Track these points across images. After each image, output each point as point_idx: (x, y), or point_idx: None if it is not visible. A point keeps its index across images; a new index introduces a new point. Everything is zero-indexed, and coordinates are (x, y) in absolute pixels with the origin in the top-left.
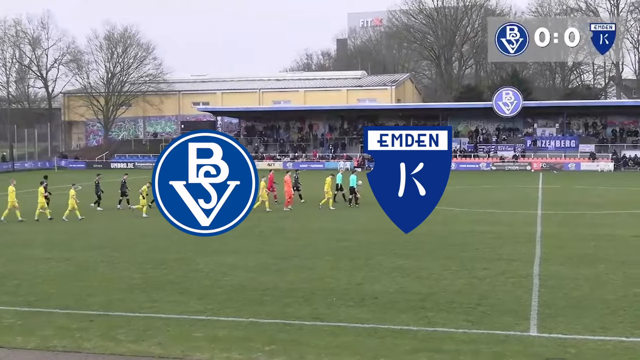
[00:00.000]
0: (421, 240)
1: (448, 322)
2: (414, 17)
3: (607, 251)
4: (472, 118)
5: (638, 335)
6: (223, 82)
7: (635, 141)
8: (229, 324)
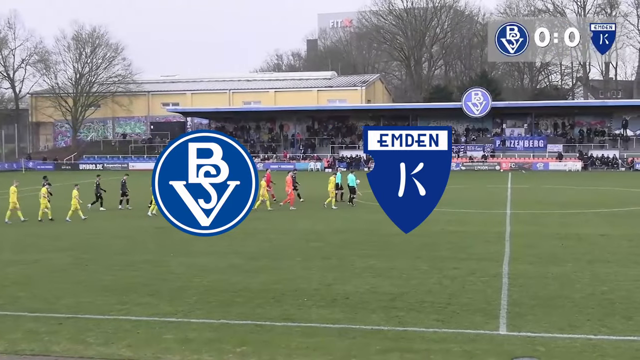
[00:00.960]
0: (392, 240)
1: (419, 321)
2: (383, 18)
3: (575, 250)
4: (442, 118)
5: (605, 333)
6: (193, 82)
7: (602, 141)
8: (200, 326)
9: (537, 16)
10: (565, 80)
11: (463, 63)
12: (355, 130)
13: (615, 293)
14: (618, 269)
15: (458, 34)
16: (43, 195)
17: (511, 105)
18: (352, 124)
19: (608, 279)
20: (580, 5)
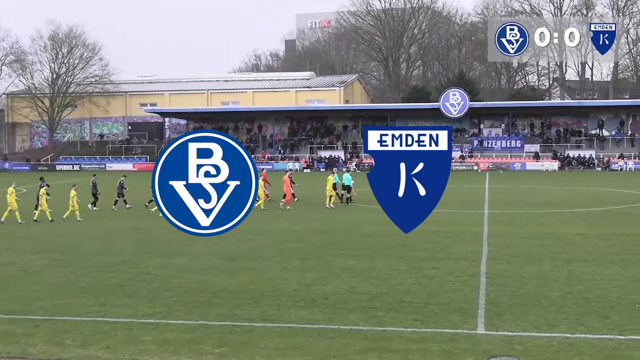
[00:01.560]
0: (370, 240)
1: (397, 321)
2: (362, 18)
3: (552, 250)
4: (420, 119)
5: (582, 332)
6: (171, 82)
7: (578, 141)
8: (178, 327)
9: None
10: (542, 80)
11: (441, 64)
12: (333, 131)
13: (592, 292)
14: (594, 268)
15: (436, 34)
16: (41, 195)
17: (489, 105)
18: (330, 124)
19: (585, 278)
20: (556, 7)
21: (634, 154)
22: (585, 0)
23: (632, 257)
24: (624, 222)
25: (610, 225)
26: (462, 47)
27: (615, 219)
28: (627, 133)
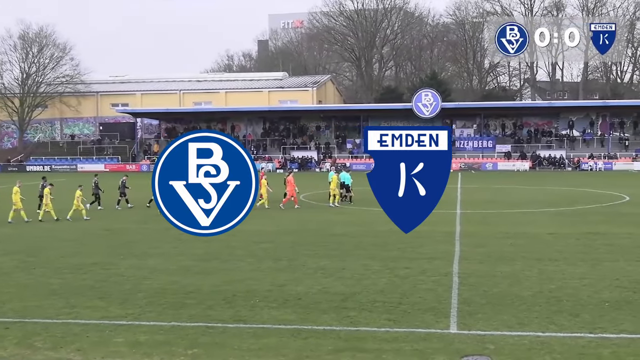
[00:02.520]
0: (343, 240)
1: (370, 321)
2: (334, 19)
3: (524, 249)
4: (393, 119)
5: (553, 330)
6: (143, 83)
7: (549, 141)
8: (151, 329)
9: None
10: (514, 81)
11: (413, 64)
12: (306, 131)
13: (563, 291)
14: (565, 267)
15: (408, 35)
16: (46, 195)
17: (461, 106)
18: (303, 125)
19: (556, 277)
20: (527, 8)
21: (604, 154)
22: (556, 2)
23: (602, 256)
24: (594, 221)
25: (580, 225)
26: (434, 47)
27: (586, 218)
28: (597, 133)
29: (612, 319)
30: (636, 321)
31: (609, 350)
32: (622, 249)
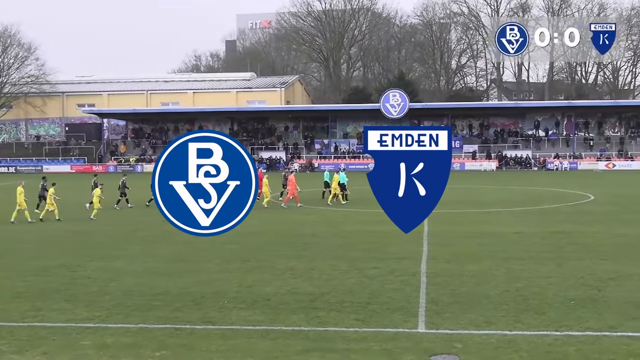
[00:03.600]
0: (312, 241)
1: (339, 321)
2: (302, 19)
3: (491, 248)
4: (361, 120)
5: (520, 329)
6: (109, 83)
7: (515, 141)
8: (118, 331)
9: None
10: (480, 82)
11: (381, 65)
12: (274, 132)
13: (529, 289)
14: (532, 266)
15: (376, 36)
16: (51, 195)
17: (428, 106)
18: (271, 125)
19: (522, 275)
20: (493, 9)
21: (569, 154)
22: (522, 3)
23: (568, 255)
24: (559, 220)
25: (546, 224)
26: (402, 48)
27: (551, 217)
28: (562, 133)
29: (578, 317)
30: (601, 319)
31: (574, 347)
32: (587, 248)
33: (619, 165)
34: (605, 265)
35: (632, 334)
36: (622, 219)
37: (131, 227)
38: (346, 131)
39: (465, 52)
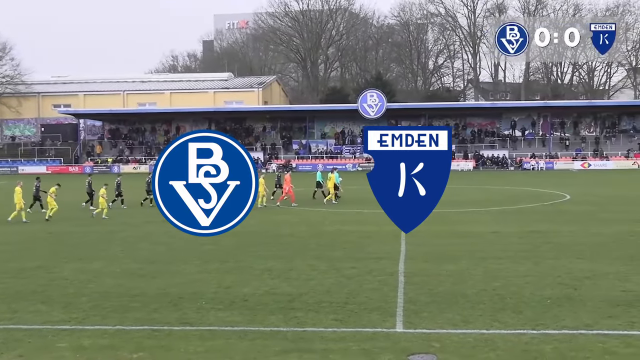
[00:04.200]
0: (290, 241)
1: (317, 321)
2: (279, 19)
3: (468, 247)
4: (338, 120)
5: (497, 328)
6: (85, 83)
7: (492, 141)
8: (95, 333)
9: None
10: (457, 82)
11: (358, 65)
12: (252, 132)
13: (506, 288)
14: (509, 265)
15: (353, 36)
16: (50, 194)
17: (405, 106)
18: (249, 126)
19: (499, 275)
20: (470, 10)
21: (545, 154)
22: (498, 4)
23: (544, 254)
24: (536, 219)
25: (523, 223)
26: (379, 49)
27: (528, 217)
28: (538, 133)
29: (554, 316)
30: (577, 317)
31: (551, 346)
32: (564, 247)
33: (594, 165)
34: (581, 264)
35: (607, 332)
36: (598, 218)
37: (110, 228)
38: (324, 131)
39: (442, 52)
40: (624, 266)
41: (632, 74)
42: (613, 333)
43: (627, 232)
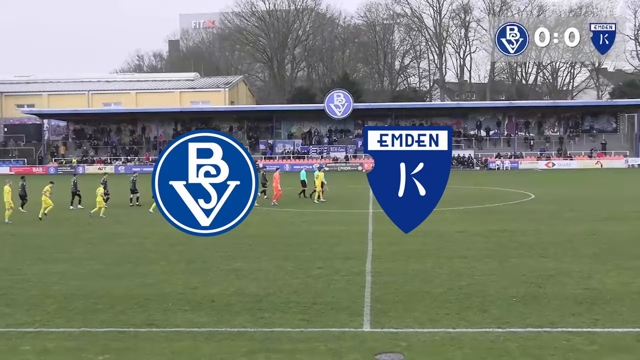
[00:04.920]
0: (257, 241)
1: (285, 322)
2: (246, 19)
3: (434, 247)
4: (305, 120)
5: (463, 326)
6: (49, 83)
7: (458, 141)
8: (60, 335)
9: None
10: (423, 82)
11: (325, 65)
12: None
13: (472, 287)
14: (474, 264)
15: (320, 36)
16: (44, 192)
17: (372, 106)
18: (215, 126)
19: (465, 273)
20: (436, 10)
21: (510, 154)
22: (464, 5)
23: (509, 253)
24: (500, 219)
25: (488, 223)
26: (345, 49)
27: (493, 216)
28: (504, 133)
29: (519, 314)
30: (542, 315)
31: (516, 344)
32: (528, 246)
33: (558, 165)
34: (545, 262)
35: (571, 330)
36: (562, 217)
37: (76, 229)
38: (291, 131)
39: (409, 52)
40: (587, 264)
41: (595, 74)
42: (577, 330)
43: (590, 231)
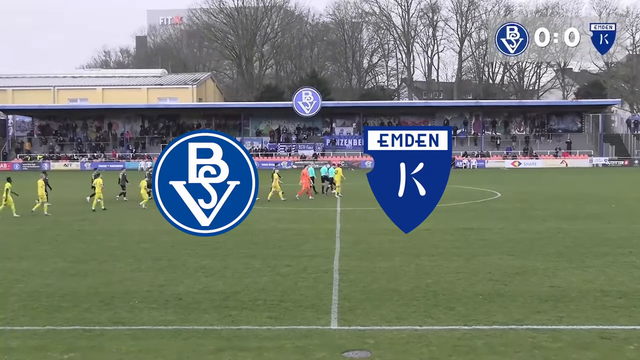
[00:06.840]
0: (224, 239)
1: (252, 319)
2: (214, 16)
3: (402, 245)
4: (274, 117)
5: (430, 324)
6: (14, 78)
7: None
8: (24, 334)
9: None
10: (391, 81)
11: (294, 63)
12: (186, 129)
13: (439, 285)
14: (441, 262)
15: (288, 34)
16: (41, 186)
17: (340, 105)
18: (183, 123)
19: (432, 271)
20: (404, 9)
21: (477, 153)
22: (432, 4)
23: (476, 251)
24: (467, 217)
25: (455, 221)
26: (314, 47)
27: (460, 214)
28: (471, 132)
29: (485, 311)
30: (507, 312)
31: (482, 341)
32: (494, 244)
33: (524, 164)
34: (511, 260)
35: (537, 327)
36: (527, 216)
37: (40, 226)
38: (259, 129)
39: (377, 51)
40: (552, 262)
41: (561, 74)
42: (542, 328)
43: (555, 229)
